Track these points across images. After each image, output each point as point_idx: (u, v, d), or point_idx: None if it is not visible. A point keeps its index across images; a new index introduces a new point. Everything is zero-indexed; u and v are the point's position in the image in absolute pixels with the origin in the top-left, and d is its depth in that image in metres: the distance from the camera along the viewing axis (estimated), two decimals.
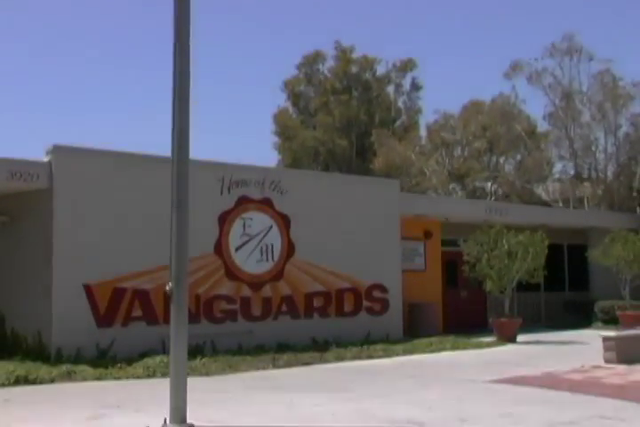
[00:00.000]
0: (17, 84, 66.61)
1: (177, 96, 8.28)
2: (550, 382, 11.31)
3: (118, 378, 12.06)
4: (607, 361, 13.59)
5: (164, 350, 12.42)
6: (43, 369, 12.10)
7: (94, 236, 14.04)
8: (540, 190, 39.60)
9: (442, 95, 59.64)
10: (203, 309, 15.30)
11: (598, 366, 13.12)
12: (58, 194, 13.70)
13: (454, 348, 16.69)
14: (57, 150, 13.91)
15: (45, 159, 13.88)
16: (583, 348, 16.33)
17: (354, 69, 45.13)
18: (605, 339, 13.98)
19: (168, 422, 7.82)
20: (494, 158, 40.69)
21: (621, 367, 12.99)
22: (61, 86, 66.56)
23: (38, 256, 13.90)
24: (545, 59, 36.43)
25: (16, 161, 13.67)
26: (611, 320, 21.98)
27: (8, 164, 13.49)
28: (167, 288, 8.22)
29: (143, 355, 13.50)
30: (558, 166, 39.31)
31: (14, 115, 65.18)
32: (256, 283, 16.26)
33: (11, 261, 14.53)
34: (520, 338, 18.29)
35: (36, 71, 66.63)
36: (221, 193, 15.92)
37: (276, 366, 13.52)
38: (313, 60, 45.44)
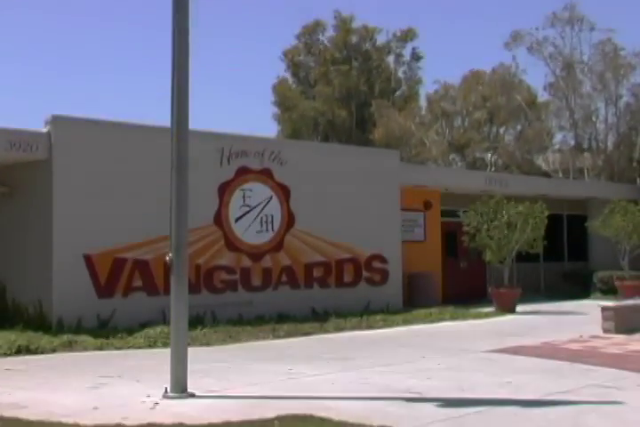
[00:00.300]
0: (16, 54, 66.21)
1: (176, 65, 8.24)
2: (549, 351, 11.36)
3: (119, 348, 12.12)
4: (606, 331, 13.65)
5: (165, 321, 12.47)
6: (44, 339, 12.16)
7: (94, 206, 14.02)
8: (540, 161, 39.56)
9: (442, 65, 59.33)
10: (203, 279, 15.34)
11: (597, 336, 13.18)
12: (57, 164, 13.67)
13: (453, 318, 16.76)
14: (56, 121, 13.85)
15: (44, 130, 13.83)
16: (582, 318, 16.40)
17: (354, 39, 44.82)
18: (604, 309, 14.04)
19: (169, 391, 7.88)
20: (494, 129, 40.58)
21: (620, 337, 13.05)
22: (61, 56, 66.16)
23: (38, 227, 13.91)
24: (546, 28, 36.22)
25: (15, 131, 13.62)
26: (609, 291, 22.05)
27: (7, 134, 13.45)
28: (167, 258, 8.25)
29: (144, 325, 13.56)
30: (558, 137, 39.24)
31: (14, 85, 64.85)
32: (256, 253, 16.28)
33: (11, 232, 14.54)
34: (519, 308, 18.37)
35: (36, 40, 66.21)
36: (221, 164, 15.88)
37: (276, 337, 13.59)
38: (312, 29, 45.11)
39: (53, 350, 11.71)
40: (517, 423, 6.55)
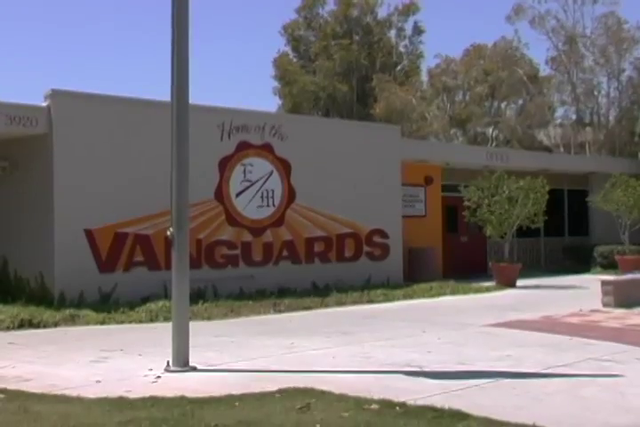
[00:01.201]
0: (16, 29, 65.83)
1: (176, 39, 8.21)
2: (548, 325, 11.42)
3: (121, 322, 12.19)
4: (605, 305, 13.70)
5: (166, 295, 12.53)
6: (46, 313, 12.23)
7: (94, 181, 14.03)
8: (541, 136, 39.48)
9: (444, 39, 59.02)
10: (204, 254, 15.38)
11: (596, 310, 13.23)
12: (57, 139, 13.65)
13: (454, 292, 16.82)
14: (55, 95, 13.81)
15: (44, 104, 13.80)
16: (582, 292, 16.46)
17: (354, 13, 44.46)
18: (604, 283, 14.08)
19: (171, 365, 7.94)
20: (496, 103, 40.42)
21: (619, 311, 13.10)
22: (60, 31, 65.76)
23: (39, 201, 13.92)
24: (548, 2, 35.99)
25: (15, 106, 13.59)
26: (610, 265, 22.10)
27: (7, 108, 13.42)
28: (168, 233, 8.27)
29: (145, 300, 13.62)
30: (560, 111, 39.13)
31: (14, 60, 64.54)
32: (257, 228, 16.31)
33: (12, 206, 14.56)
34: (519, 283, 18.42)
35: (36, 15, 65.78)
36: (221, 139, 15.85)
37: (277, 311, 13.65)
38: (312, 3, 44.74)
39: (56, 324, 11.78)
40: (516, 396, 6.60)
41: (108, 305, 13.35)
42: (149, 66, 67.78)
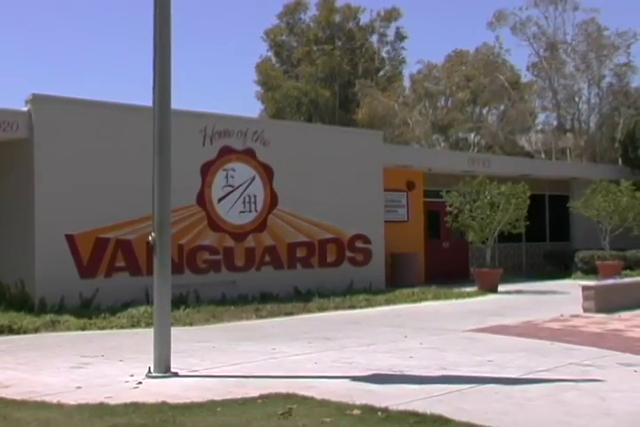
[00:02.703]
0: None
1: (158, 44, 8.18)
2: (530, 331, 11.45)
3: (102, 328, 12.12)
4: (586, 310, 13.76)
5: (148, 301, 12.48)
6: (26, 319, 12.15)
7: (75, 185, 13.96)
8: (522, 141, 39.69)
9: (426, 45, 59.23)
10: (186, 259, 15.34)
11: (577, 315, 13.29)
12: (38, 143, 13.58)
13: (436, 298, 16.84)
14: (36, 100, 13.74)
15: (25, 109, 13.73)
16: (563, 297, 16.53)
17: (337, 19, 44.56)
18: (584, 288, 14.14)
19: (152, 370, 7.90)
20: (477, 109, 40.63)
21: (600, 316, 13.16)
22: (42, 35, 65.49)
23: (20, 206, 13.84)
24: (529, 8, 36.26)
25: None
26: (590, 270, 22.21)
27: None
28: (150, 238, 8.23)
29: (127, 305, 13.56)
30: (541, 117, 39.39)
31: None
32: (239, 234, 16.28)
33: None
34: (501, 288, 18.48)
35: (16, 20, 65.47)
36: (203, 144, 15.83)
37: (259, 317, 13.61)
38: (294, 8, 44.80)
39: (36, 330, 11.70)
40: (498, 401, 6.61)
41: (89, 311, 13.27)
42: (131, 70, 67.60)
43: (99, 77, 64.84)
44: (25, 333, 11.54)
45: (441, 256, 22.12)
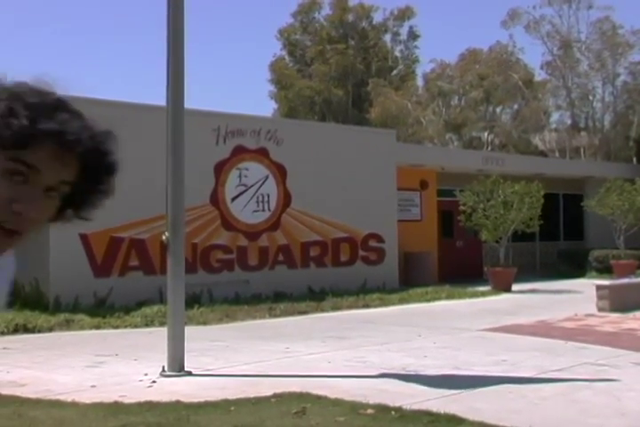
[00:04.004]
0: (4, 33, 65.81)
1: (172, 43, 8.21)
2: (544, 330, 11.42)
3: (116, 327, 12.16)
4: (600, 310, 13.71)
5: (162, 300, 12.50)
6: (41, 318, 12.20)
7: None
8: (536, 140, 39.55)
9: (439, 44, 59.21)
10: (200, 258, 15.36)
11: (591, 315, 13.24)
12: None
13: (449, 297, 16.81)
14: None
15: None
16: (577, 297, 16.47)
17: (350, 18, 44.55)
18: (599, 288, 14.10)
19: (166, 369, 7.93)
20: (491, 108, 40.51)
21: (614, 316, 13.12)
22: (48, 33, 65.78)
23: None
24: (543, 7, 36.09)
25: None
26: (605, 269, 22.11)
27: None
28: (164, 237, 8.26)
29: (141, 304, 13.59)
30: (555, 116, 39.23)
31: (2, 64, 64.43)
32: (252, 233, 16.29)
33: None
34: (515, 287, 18.43)
35: (21, 18, 65.77)
36: (217, 143, 15.85)
37: (272, 316, 13.63)
38: (309, 8, 44.82)
39: (51, 329, 11.75)
40: (512, 401, 6.60)
41: (103, 310, 13.32)
42: (144, 69, 67.83)
43: (113, 76, 65.11)
44: (40, 332, 11.60)
45: (454, 255, 22.08)
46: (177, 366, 7.91)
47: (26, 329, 11.57)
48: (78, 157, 1.37)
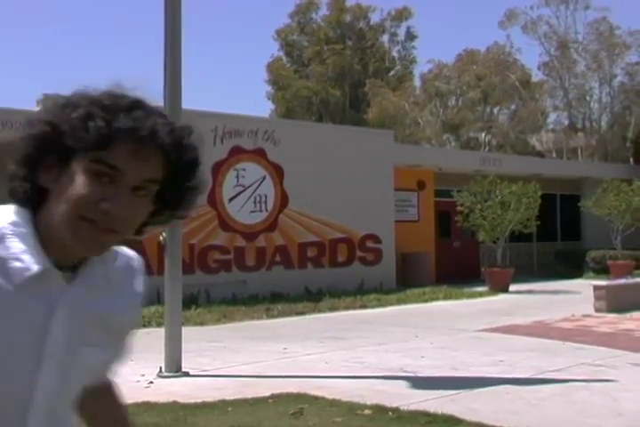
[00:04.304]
0: (7, 34, 65.75)
1: (169, 43, 8.20)
2: (541, 330, 11.43)
3: None
4: (597, 310, 13.72)
5: (159, 300, 12.47)
6: None
7: None
8: (533, 141, 39.60)
9: (436, 45, 59.24)
10: (197, 259, 15.36)
11: (589, 315, 13.25)
12: None
13: (447, 298, 16.81)
14: (48, 100, 13.78)
15: (36, 109, 13.76)
16: (574, 297, 16.47)
17: (347, 18, 44.56)
18: (596, 288, 14.10)
19: (163, 370, 7.92)
20: (488, 109, 40.54)
21: (611, 316, 13.12)
22: (54, 35, 65.72)
23: None
24: (540, 7, 36.16)
25: (7, 111, 13.56)
26: (602, 270, 22.13)
27: None
28: (161, 238, 8.25)
29: None
30: (552, 117, 39.28)
31: (6, 64, 64.48)
32: (250, 233, 16.29)
33: None
34: (512, 288, 18.43)
35: (28, 19, 65.72)
36: (214, 143, 15.85)
37: (270, 316, 13.62)
38: (306, 8, 44.82)
39: None
40: (509, 401, 6.60)
41: None
42: (142, 69, 67.79)
43: (111, 76, 64.92)
44: None
45: (452, 256, 22.08)
46: (174, 367, 7.90)
47: None
48: (158, 152, 1.40)
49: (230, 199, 16.07)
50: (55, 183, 1.39)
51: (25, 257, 1.37)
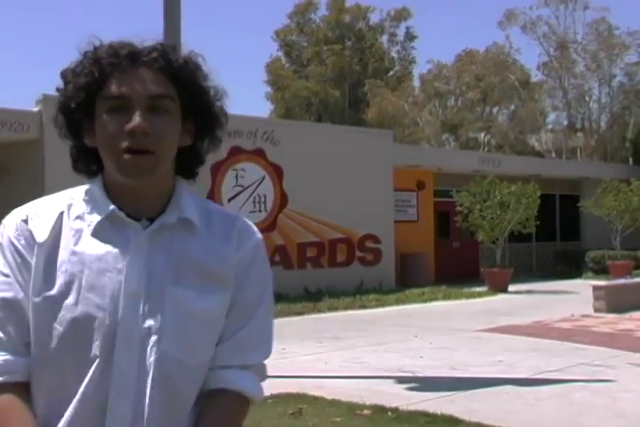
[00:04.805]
0: (7, 33, 65.74)
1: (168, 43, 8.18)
2: (540, 330, 11.42)
3: None
4: (597, 310, 13.71)
5: None
6: None
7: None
8: (533, 141, 39.62)
9: (436, 45, 59.26)
10: None
11: (588, 316, 13.25)
12: (48, 144, 13.60)
13: (446, 298, 16.81)
14: (47, 100, 13.76)
15: (35, 109, 13.77)
16: (573, 297, 16.47)
17: (347, 19, 44.54)
18: (595, 288, 14.10)
19: None
20: (488, 109, 40.56)
21: (611, 316, 13.12)
22: (52, 34, 65.71)
23: None
24: (540, 8, 36.22)
25: (6, 111, 13.57)
26: (601, 270, 22.13)
27: None
28: None
29: None
30: (552, 117, 39.31)
31: (5, 64, 64.47)
32: None
33: (3, 212, 14.47)
34: (511, 288, 18.43)
35: (27, 19, 65.72)
36: None
37: None
38: (305, 8, 44.80)
39: None
40: (509, 401, 6.60)
41: None
42: None
43: None
44: None
45: (451, 256, 22.09)
46: None
47: None
48: (150, 69, 1.54)
49: (229, 199, 16.06)
50: (96, 139, 1.56)
51: (97, 207, 1.58)
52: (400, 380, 7.55)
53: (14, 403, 1.50)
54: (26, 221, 1.64)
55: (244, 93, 64.22)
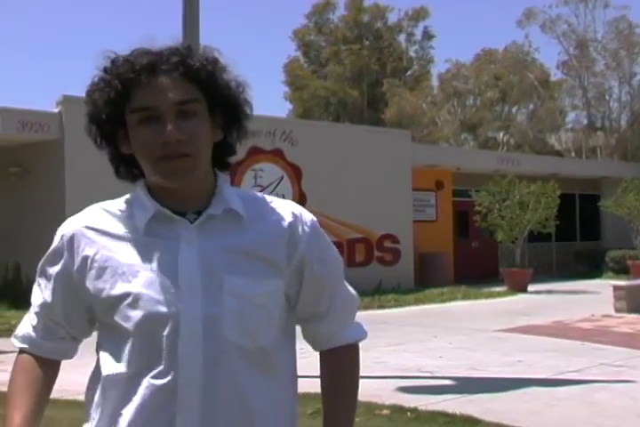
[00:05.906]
0: (28, 34, 66.17)
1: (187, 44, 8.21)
2: (560, 331, 11.38)
3: None
4: (617, 310, 13.64)
5: None
6: None
7: (106, 187, 14.02)
8: (552, 140, 39.43)
9: (454, 44, 59.15)
10: None
11: (608, 316, 13.18)
12: (69, 145, 13.68)
13: (465, 298, 16.77)
14: (67, 101, 13.85)
15: (56, 110, 13.85)
16: (594, 297, 16.39)
17: (365, 18, 44.51)
18: (616, 288, 14.03)
19: None
20: (507, 108, 40.40)
21: (631, 316, 13.04)
22: (72, 36, 66.07)
23: (51, 206, 13.96)
24: (559, 6, 36.02)
25: (27, 112, 13.66)
26: (622, 270, 22.00)
27: (19, 114, 13.48)
28: None
29: None
30: (571, 116, 39.10)
31: (27, 65, 64.91)
32: None
33: (24, 212, 14.61)
34: (531, 288, 18.36)
35: (48, 20, 66.13)
36: None
37: None
38: (323, 8, 44.81)
39: None
40: (528, 402, 6.58)
41: None
42: None
43: None
44: None
45: (470, 256, 22.02)
46: None
47: None
48: (171, 77, 1.59)
49: None
50: (131, 147, 1.63)
51: (144, 208, 1.67)
52: (419, 380, 7.54)
53: (32, 360, 1.85)
54: (81, 228, 1.84)
55: (263, 94, 64.29)
